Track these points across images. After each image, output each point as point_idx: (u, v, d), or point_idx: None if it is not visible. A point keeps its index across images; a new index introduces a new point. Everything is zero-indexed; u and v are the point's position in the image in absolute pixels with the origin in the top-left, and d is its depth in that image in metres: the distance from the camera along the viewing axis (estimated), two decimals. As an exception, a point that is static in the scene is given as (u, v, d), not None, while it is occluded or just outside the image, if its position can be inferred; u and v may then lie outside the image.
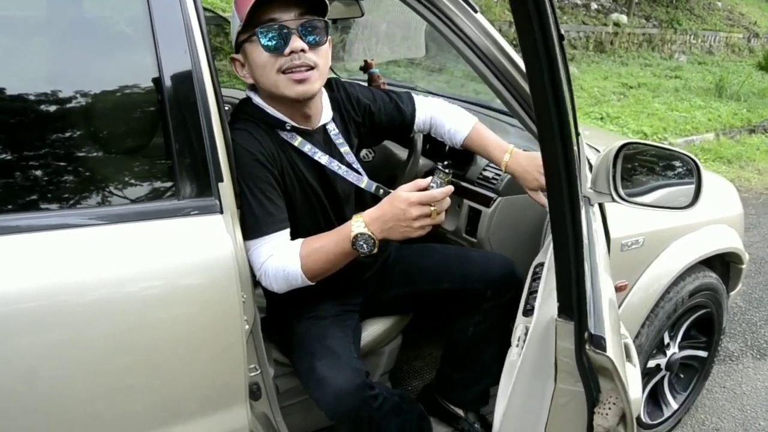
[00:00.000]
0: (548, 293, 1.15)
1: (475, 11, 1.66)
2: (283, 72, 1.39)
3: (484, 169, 2.02)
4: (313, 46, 1.40)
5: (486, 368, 1.89)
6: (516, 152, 1.74)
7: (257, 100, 1.50)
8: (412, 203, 1.27)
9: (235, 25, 1.41)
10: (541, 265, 1.59)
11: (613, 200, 1.47)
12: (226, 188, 1.22)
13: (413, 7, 1.64)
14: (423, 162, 2.05)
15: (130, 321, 1.12)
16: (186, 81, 1.17)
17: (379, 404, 1.50)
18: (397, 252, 1.87)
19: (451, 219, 2.12)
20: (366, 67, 2.38)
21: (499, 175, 1.96)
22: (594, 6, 11.09)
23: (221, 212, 1.21)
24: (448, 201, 1.31)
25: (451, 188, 1.29)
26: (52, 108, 1.11)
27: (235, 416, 1.29)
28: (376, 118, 1.73)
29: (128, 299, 1.12)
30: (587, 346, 0.99)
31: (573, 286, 0.98)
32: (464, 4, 1.63)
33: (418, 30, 3.01)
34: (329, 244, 1.36)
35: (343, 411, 1.47)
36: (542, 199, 1.71)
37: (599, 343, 1.00)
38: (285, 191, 1.47)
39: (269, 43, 1.37)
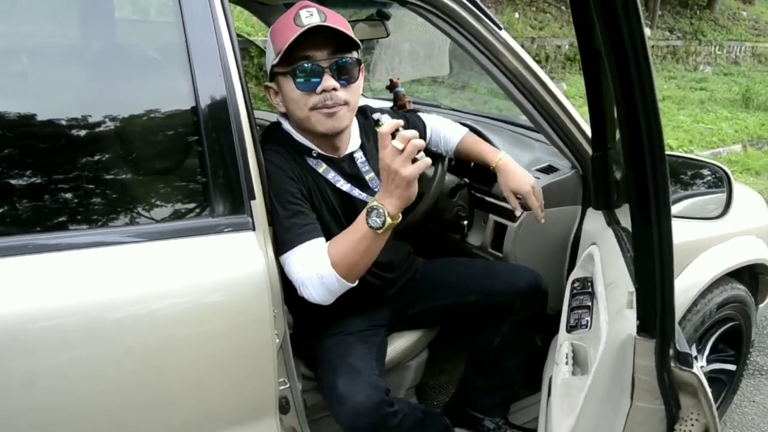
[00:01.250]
0: (618, 311, 1.16)
1: (500, 28, 1.69)
2: (316, 108, 1.43)
3: (510, 184, 2.02)
4: (345, 84, 1.44)
5: (510, 376, 1.92)
6: (507, 156, 1.88)
7: (287, 126, 1.54)
8: (381, 158, 1.27)
9: (270, 57, 1.45)
10: (579, 280, 1.60)
11: None
12: (258, 206, 1.26)
13: (438, 25, 1.67)
14: (449, 178, 2.07)
15: (166, 336, 1.16)
16: (220, 103, 1.21)
17: (398, 421, 1.52)
18: (424, 268, 1.89)
19: (477, 234, 2.13)
20: (392, 86, 2.42)
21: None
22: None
23: (254, 229, 1.24)
24: (414, 135, 1.26)
25: (398, 121, 1.26)
26: (93, 131, 1.17)
27: (265, 429, 1.32)
28: None
29: (164, 315, 1.16)
30: (673, 364, 1.00)
31: (658, 304, 0.99)
32: (488, 21, 1.66)
33: (442, 48, 3.05)
34: (351, 233, 1.37)
35: (361, 427, 1.49)
36: (514, 201, 1.83)
37: (686, 360, 1.01)
38: (314, 210, 1.49)
39: (302, 82, 1.41)
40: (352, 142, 1.62)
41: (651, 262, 1.00)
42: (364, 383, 1.50)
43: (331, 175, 1.55)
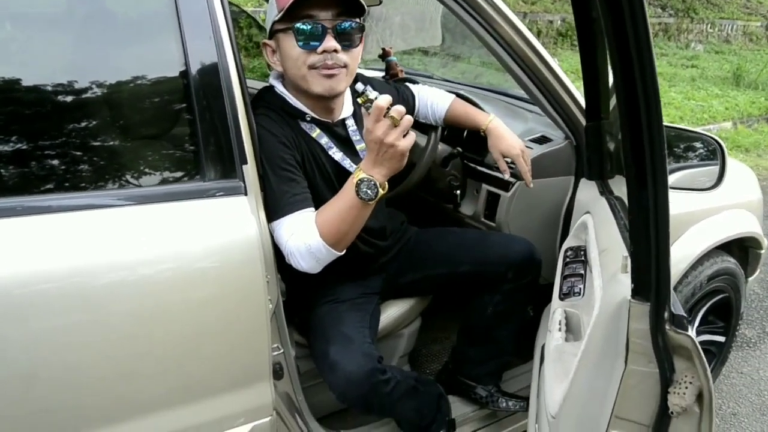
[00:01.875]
0: (612, 276, 1.16)
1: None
2: (314, 68, 1.41)
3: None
4: (347, 47, 1.43)
5: (503, 346, 1.93)
6: (497, 119, 1.89)
7: (280, 89, 1.52)
8: (371, 129, 1.26)
9: (272, 13, 1.43)
10: (572, 249, 1.60)
11: None
12: (250, 170, 1.24)
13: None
14: (441, 147, 2.05)
15: (157, 302, 1.15)
16: (211, 67, 1.19)
17: (391, 388, 1.53)
18: (417, 236, 1.89)
19: (470, 203, 2.13)
20: (384, 55, 2.39)
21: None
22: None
23: (245, 194, 1.23)
24: (401, 109, 1.26)
25: (387, 97, 1.25)
26: (83, 96, 1.14)
27: (260, 394, 1.32)
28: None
29: (154, 280, 1.15)
30: (667, 326, 1.00)
31: (653, 267, 0.99)
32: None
33: (434, 19, 3.01)
34: (338, 203, 1.36)
35: (353, 395, 1.50)
36: (503, 163, 1.85)
37: (681, 322, 1.01)
38: (306, 176, 1.48)
39: (304, 40, 1.39)
40: (345, 108, 1.61)
41: (646, 225, 0.99)
42: (356, 351, 1.51)
43: (324, 141, 1.54)
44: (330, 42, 1.39)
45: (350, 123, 1.61)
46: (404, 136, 1.27)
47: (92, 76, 1.16)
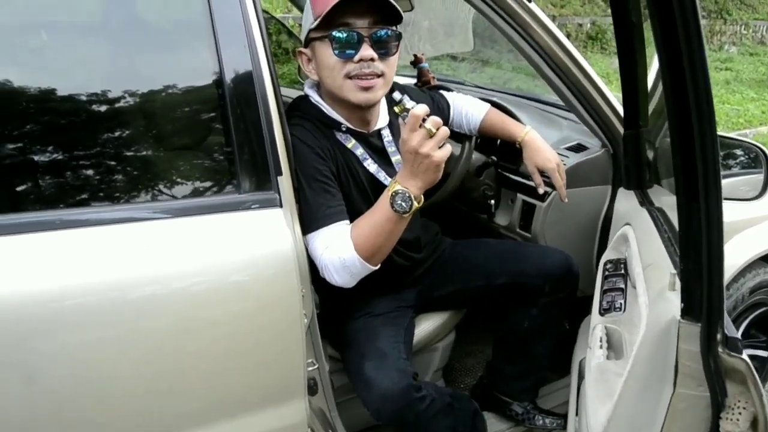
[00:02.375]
0: (659, 293, 1.11)
1: (530, 1, 1.64)
2: (350, 77, 1.40)
3: (539, 162, 1.98)
4: (383, 55, 1.40)
5: (539, 362, 1.89)
6: (533, 131, 1.84)
7: (316, 98, 1.50)
8: (407, 139, 1.24)
9: (308, 21, 1.41)
10: (612, 262, 1.55)
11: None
12: (285, 182, 1.22)
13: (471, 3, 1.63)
14: (475, 156, 2.02)
15: (192, 316, 1.14)
16: (246, 77, 1.18)
17: (426, 406, 1.50)
18: (452, 248, 1.86)
19: (505, 214, 2.09)
20: (416, 62, 2.37)
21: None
22: (640, -2, 10.80)
23: (281, 206, 1.21)
24: (437, 120, 1.24)
25: (423, 106, 1.23)
26: (119, 107, 1.15)
27: (294, 410, 1.30)
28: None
29: (190, 292, 1.13)
30: (720, 349, 0.96)
31: (704, 286, 0.95)
32: (520, -7, 1.61)
33: (465, 24, 2.99)
34: (373, 216, 1.35)
35: (388, 412, 1.48)
36: (538, 177, 1.82)
37: (735, 345, 0.97)
38: (341, 188, 1.47)
39: (340, 48, 1.37)
40: (381, 118, 1.58)
41: (697, 241, 0.95)
42: (391, 367, 1.49)
43: (360, 152, 1.52)
44: (367, 50, 1.38)
45: (386, 133, 1.59)
46: (440, 147, 1.24)
47: (128, 87, 1.16)
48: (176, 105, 1.22)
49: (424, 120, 1.22)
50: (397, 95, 1.26)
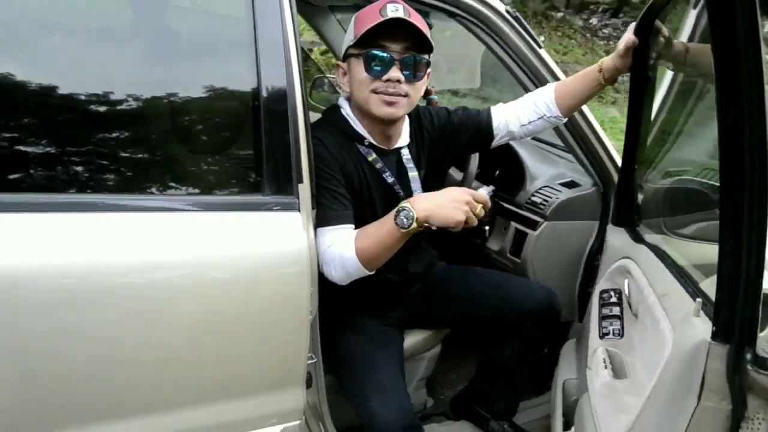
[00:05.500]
0: (682, 319, 1.22)
1: (540, 47, 1.79)
2: (376, 93, 1.52)
3: (533, 195, 2.12)
4: (410, 79, 1.52)
5: (519, 387, 2.01)
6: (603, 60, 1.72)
7: (347, 110, 1.62)
8: (466, 193, 1.42)
9: (349, 38, 1.54)
10: (607, 291, 1.68)
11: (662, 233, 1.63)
12: (305, 189, 1.35)
13: (482, 39, 1.78)
14: (475, 184, 2.16)
15: (214, 301, 1.26)
16: (280, 93, 1.31)
17: None
18: (442, 273, 1.95)
19: (497, 239, 2.22)
20: (427, 93, 2.52)
21: (547, 201, 2.07)
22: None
23: (299, 210, 1.34)
24: (482, 213, 1.44)
25: (489, 203, 1.43)
26: (172, 113, 1.31)
27: (293, 397, 1.42)
28: (458, 131, 1.79)
29: (210, 279, 1.26)
30: (750, 367, 1.05)
31: (745, 311, 1.03)
32: (531, 39, 1.76)
33: (475, 61, 3.13)
34: (378, 226, 1.46)
35: None
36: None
37: (764, 364, 1.05)
38: (355, 196, 1.57)
39: (372, 66, 1.50)
40: (402, 138, 1.69)
41: (736, 272, 1.03)
42: (396, 406, 1.62)
43: (380, 165, 1.63)
44: (395, 72, 1.49)
45: (405, 152, 1.69)
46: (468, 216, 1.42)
47: (179, 95, 1.32)
48: (220, 115, 1.37)
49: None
50: (486, 191, 1.49)
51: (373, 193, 1.63)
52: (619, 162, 1.94)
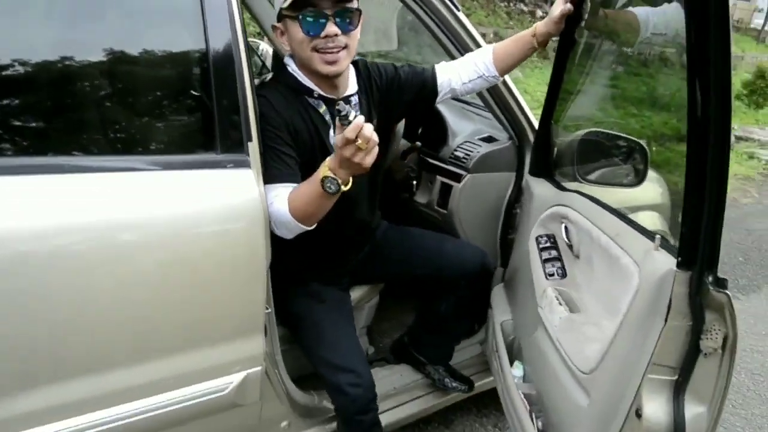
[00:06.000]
0: (644, 254, 1.37)
1: (458, 9, 1.92)
2: (317, 51, 1.58)
3: (456, 150, 2.27)
4: (346, 30, 1.58)
5: (455, 335, 2.22)
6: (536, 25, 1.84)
7: (293, 67, 1.67)
8: (341, 148, 1.36)
9: (280, 0, 1.57)
10: (543, 236, 1.84)
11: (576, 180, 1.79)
12: (254, 147, 1.43)
13: (406, 3, 1.88)
14: (401, 142, 2.29)
15: (175, 254, 1.33)
16: (227, 54, 1.37)
17: (374, 415, 1.80)
18: (382, 236, 2.06)
19: (424, 193, 2.37)
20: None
21: (468, 155, 2.21)
22: (539, 13, 11.57)
23: (250, 167, 1.41)
24: (370, 133, 1.35)
25: (360, 120, 1.34)
26: (121, 72, 1.34)
27: (254, 345, 1.52)
28: (405, 86, 1.86)
29: (172, 234, 1.33)
30: (711, 288, 1.20)
31: (707, 240, 1.18)
32: (449, 2, 1.89)
33: (390, 23, 3.19)
34: (307, 188, 1.49)
35: (350, 415, 1.77)
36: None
37: (723, 284, 1.21)
38: (302, 150, 1.62)
39: (308, 27, 1.55)
40: (350, 86, 1.74)
41: (701, 209, 1.18)
42: (362, 382, 1.75)
43: (329, 117, 1.68)
44: (331, 28, 1.55)
45: (354, 99, 1.74)
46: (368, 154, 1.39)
47: (132, 56, 1.35)
48: (170, 77, 1.43)
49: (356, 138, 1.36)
50: (342, 106, 1.34)
51: (325, 143, 1.68)
52: (532, 119, 2.14)
